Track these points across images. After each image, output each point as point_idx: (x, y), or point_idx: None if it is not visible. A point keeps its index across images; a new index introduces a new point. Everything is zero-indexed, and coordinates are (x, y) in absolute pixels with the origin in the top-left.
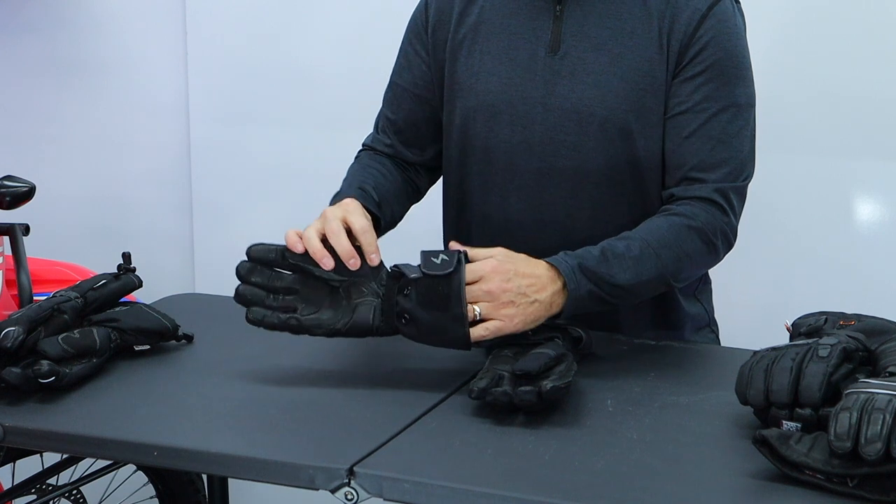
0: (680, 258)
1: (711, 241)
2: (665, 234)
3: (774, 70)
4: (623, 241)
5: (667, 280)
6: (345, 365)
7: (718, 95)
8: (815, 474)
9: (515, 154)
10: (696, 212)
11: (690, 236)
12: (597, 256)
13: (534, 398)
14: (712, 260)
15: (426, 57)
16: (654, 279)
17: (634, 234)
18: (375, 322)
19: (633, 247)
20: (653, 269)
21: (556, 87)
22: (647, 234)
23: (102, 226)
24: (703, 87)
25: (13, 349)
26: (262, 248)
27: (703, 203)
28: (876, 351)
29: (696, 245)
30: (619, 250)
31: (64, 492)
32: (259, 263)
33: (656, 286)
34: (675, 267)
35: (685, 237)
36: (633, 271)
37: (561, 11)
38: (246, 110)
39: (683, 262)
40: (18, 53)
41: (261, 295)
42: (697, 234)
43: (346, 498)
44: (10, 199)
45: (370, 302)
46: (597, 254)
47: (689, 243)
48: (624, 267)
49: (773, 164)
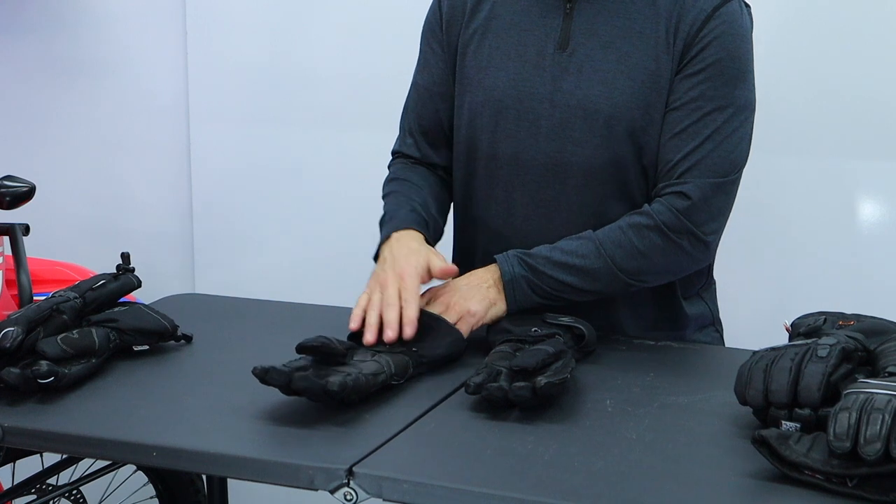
0: (634, 256)
1: (673, 239)
2: (621, 233)
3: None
4: (576, 239)
5: (620, 278)
6: None
7: (715, 95)
8: (814, 474)
9: (521, 149)
10: (660, 209)
11: (648, 235)
12: (542, 252)
13: (528, 394)
14: (678, 257)
15: (443, 54)
16: (602, 277)
17: (589, 234)
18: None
19: (583, 245)
20: (600, 266)
21: (564, 84)
22: (602, 233)
23: (102, 226)
24: (701, 86)
25: (12, 349)
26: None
27: (677, 198)
28: (875, 351)
29: (654, 243)
30: (569, 247)
31: (64, 492)
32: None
33: (609, 284)
34: (629, 265)
35: (642, 236)
36: (577, 268)
37: (571, 9)
38: (246, 110)
39: (639, 261)
40: (18, 54)
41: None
42: (656, 232)
43: (345, 498)
44: (10, 199)
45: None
46: (545, 250)
47: (645, 242)
48: (568, 262)
49: (774, 165)
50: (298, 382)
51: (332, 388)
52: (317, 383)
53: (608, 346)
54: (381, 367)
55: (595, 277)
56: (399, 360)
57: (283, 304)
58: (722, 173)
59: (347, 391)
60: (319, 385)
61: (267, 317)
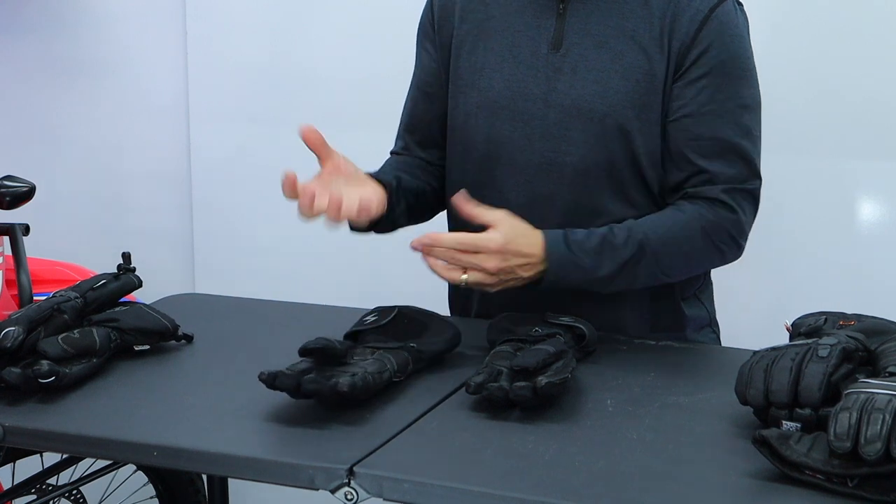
0: (678, 255)
1: (714, 241)
2: (667, 230)
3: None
4: (624, 231)
5: (657, 275)
6: None
7: (723, 97)
8: (814, 474)
9: (516, 150)
10: (702, 211)
11: (693, 234)
12: (594, 247)
13: (529, 394)
14: (716, 260)
15: (435, 54)
16: (643, 273)
17: (637, 227)
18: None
19: (619, 234)
20: (645, 263)
21: (558, 84)
22: (649, 228)
23: (102, 226)
24: (708, 90)
25: (13, 349)
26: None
27: (712, 203)
28: (876, 351)
29: (698, 244)
30: (618, 242)
31: (64, 492)
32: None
33: (646, 279)
34: (670, 262)
35: (687, 234)
36: (620, 263)
37: (564, 9)
38: (246, 110)
39: (680, 259)
40: (18, 54)
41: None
42: (701, 233)
43: (345, 498)
44: (10, 199)
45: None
46: (594, 244)
47: (690, 241)
48: (614, 258)
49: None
50: (308, 385)
51: (343, 388)
52: (326, 385)
53: (608, 346)
54: (384, 365)
55: (635, 273)
56: (399, 357)
57: (283, 304)
58: (748, 175)
59: (357, 391)
60: (329, 386)
61: (267, 316)
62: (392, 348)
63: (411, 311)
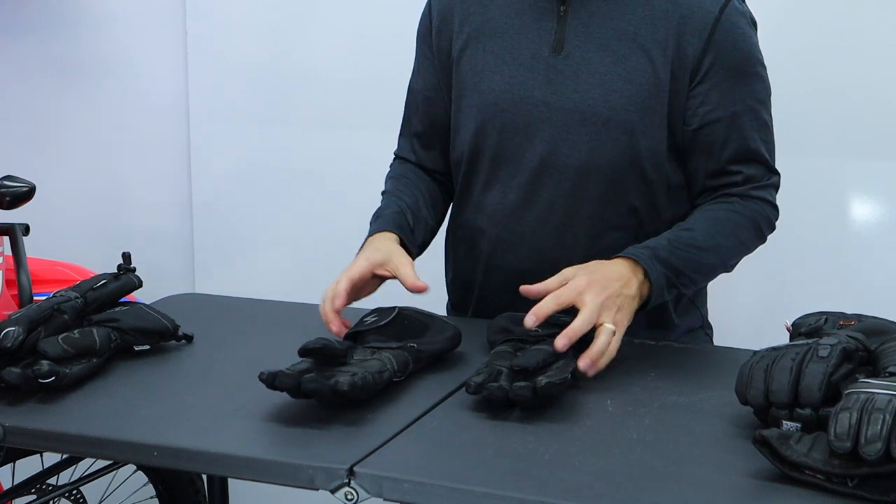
0: (737, 246)
1: (761, 229)
2: (724, 224)
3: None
4: (686, 231)
5: (725, 267)
6: None
7: (743, 96)
8: (815, 474)
9: (518, 152)
10: (746, 203)
11: (746, 226)
12: (665, 246)
13: (529, 394)
14: (756, 247)
15: (434, 59)
16: (715, 266)
17: (697, 225)
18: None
19: (698, 237)
20: (714, 257)
21: (560, 87)
22: (710, 225)
23: (102, 226)
24: (730, 91)
25: (13, 349)
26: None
27: (753, 200)
28: (876, 351)
29: (750, 234)
30: (685, 239)
31: (64, 492)
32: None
33: (716, 273)
34: (732, 254)
35: (742, 226)
36: (698, 259)
37: (565, 12)
38: (246, 110)
39: (739, 250)
40: (18, 54)
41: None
42: (751, 223)
43: (346, 498)
44: (10, 199)
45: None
46: (665, 244)
47: (744, 232)
48: (690, 256)
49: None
50: (308, 385)
51: (343, 388)
52: (326, 385)
53: None
54: (384, 364)
55: (711, 269)
56: (399, 357)
57: (283, 304)
58: (772, 169)
59: (357, 391)
60: (329, 386)
61: (267, 317)
62: (392, 348)
63: (411, 311)
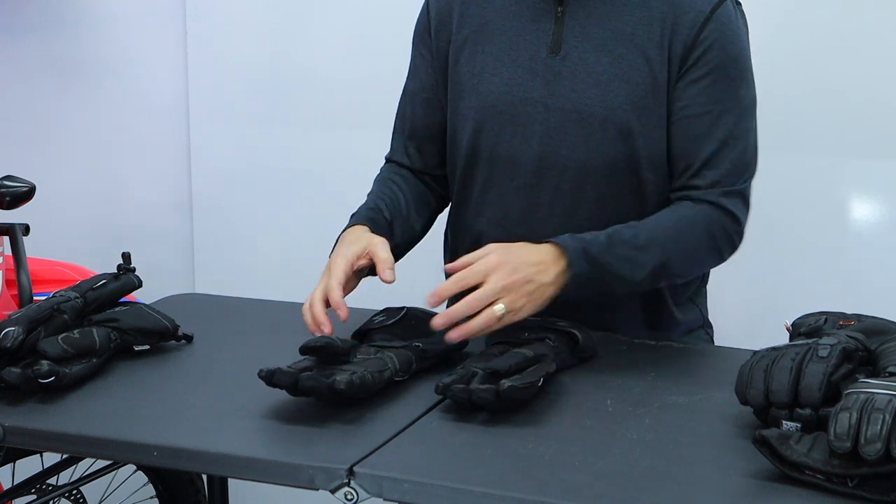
0: (684, 253)
1: (716, 240)
2: (672, 228)
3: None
4: (631, 229)
5: (668, 273)
6: None
7: (723, 98)
8: (815, 474)
9: (516, 154)
10: (703, 210)
11: (696, 233)
12: (603, 242)
13: (491, 396)
14: (715, 260)
15: (432, 59)
16: (655, 271)
17: (643, 225)
18: (394, 367)
19: (640, 236)
20: (656, 260)
21: (557, 88)
22: (656, 226)
23: (102, 226)
24: (709, 90)
25: (13, 349)
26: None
27: (710, 205)
28: (876, 351)
29: (702, 242)
30: (625, 238)
31: (64, 492)
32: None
33: (657, 278)
34: (677, 261)
35: (691, 233)
36: (636, 261)
37: (562, 13)
38: (246, 110)
39: (686, 258)
40: (18, 54)
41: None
42: (704, 232)
43: (346, 498)
44: (10, 199)
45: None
46: (603, 239)
47: (694, 239)
48: (627, 256)
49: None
50: (306, 382)
51: (340, 387)
52: (324, 383)
53: (608, 346)
54: (386, 364)
55: (648, 272)
56: (402, 356)
57: (283, 304)
58: (744, 176)
59: (355, 389)
60: (326, 384)
61: (267, 316)
62: (396, 347)
63: (419, 311)
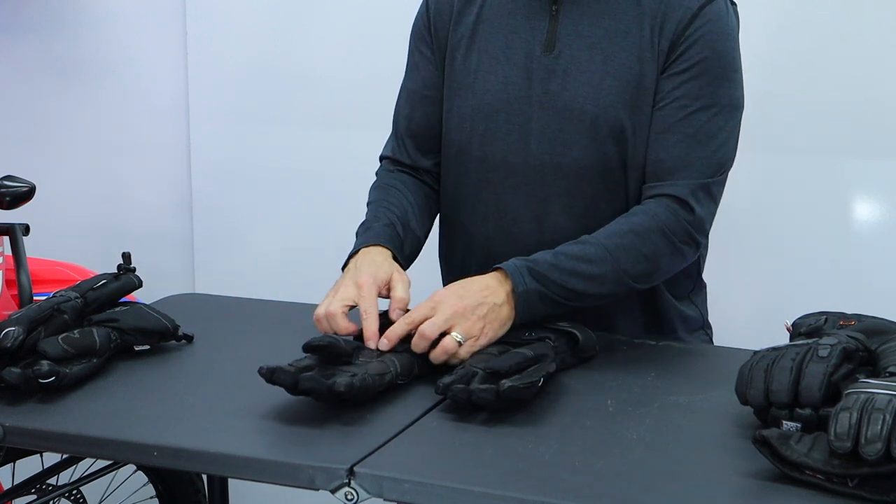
0: (639, 260)
1: (673, 241)
2: (624, 237)
3: (770, 69)
4: (579, 244)
5: (626, 282)
6: None
7: (700, 94)
8: (815, 474)
9: (511, 152)
10: (659, 211)
11: (651, 238)
12: (548, 260)
13: (491, 397)
14: (677, 260)
15: (431, 57)
16: (609, 282)
17: (592, 238)
18: (395, 370)
19: (589, 250)
20: (608, 271)
21: (551, 86)
22: (605, 238)
23: (102, 226)
24: (686, 84)
25: (13, 349)
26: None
27: (670, 201)
28: (876, 351)
29: (657, 246)
30: (574, 253)
31: (64, 492)
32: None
33: (614, 288)
34: (634, 269)
35: (645, 239)
36: (586, 274)
37: (557, 11)
38: (246, 110)
39: (643, 264)
40: (18, 54)
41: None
42: (659, 235)
43: (346, 498)
44: (10, 199)
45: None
46: (549, 257)
47: (648, 245)
48: (576, 270)
49: (766, 164)
50: (305, 383)
51: (339, 388)
52: (323, 384)
53: (609, 346)
54: (387, 367)
55: (602, 282)
56: (404, 360)
57: (283, 304)
58: (710, 174)
59: (354, 392)
60: (326, 385)
61: (267, 316)
62: (399, 351)
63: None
